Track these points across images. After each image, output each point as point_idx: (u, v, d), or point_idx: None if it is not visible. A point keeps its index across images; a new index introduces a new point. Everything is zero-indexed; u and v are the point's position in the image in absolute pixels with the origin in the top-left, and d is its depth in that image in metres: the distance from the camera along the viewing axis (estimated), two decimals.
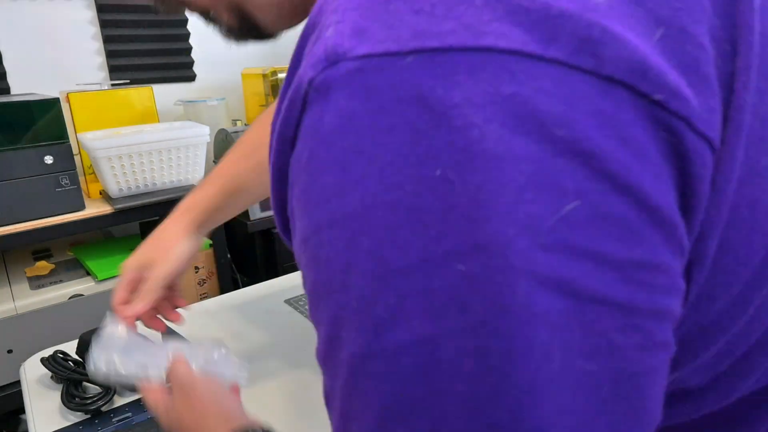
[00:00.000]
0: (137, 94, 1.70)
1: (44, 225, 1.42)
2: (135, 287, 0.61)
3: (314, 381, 0.69)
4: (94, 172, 1.56)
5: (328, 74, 0.22)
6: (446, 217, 0.20)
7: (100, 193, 1.63)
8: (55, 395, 0.67)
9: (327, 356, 0.24)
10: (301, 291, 0.91)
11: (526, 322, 0.19)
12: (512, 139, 0.19)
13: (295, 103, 0.24)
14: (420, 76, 0.20)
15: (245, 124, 2.15)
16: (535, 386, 0.20)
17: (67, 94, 1.57)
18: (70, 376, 0.68)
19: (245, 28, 0.40)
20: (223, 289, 1.78)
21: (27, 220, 1.41)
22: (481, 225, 0.19)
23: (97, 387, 0.67)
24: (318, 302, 0.24)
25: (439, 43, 0.20)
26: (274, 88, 2.07)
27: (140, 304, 0.60)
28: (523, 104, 0.19)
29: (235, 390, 0.54)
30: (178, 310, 0.66)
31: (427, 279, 0.20)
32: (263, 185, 0.66)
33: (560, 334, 0.20)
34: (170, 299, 0.65)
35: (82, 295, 1.50)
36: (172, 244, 0.62)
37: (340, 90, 0.22)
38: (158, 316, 0.64)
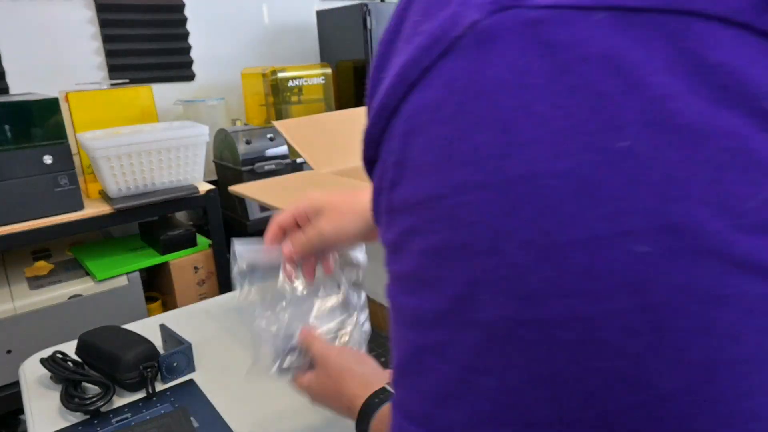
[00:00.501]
0: (136, 93, 1.70)
1: (43, 225, 1.42)
2: (292, 225, 0.59)
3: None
4: (93, 172, 1.56)
5: (498, 20, 0.20)
6: (627, 194, 0.18)
7: (99, 193, 1.63)
8: (54, 395, 0.67)
9: (448, 314, 0.23)
10: None
11: (718, 303, 0.18)
12: (716, 112, 0.18)
13: (438, 44, 0.21)
14: (612, 36, 0.18)
15: (245, 124, 2.15)
16: (716, 365, 0.18)
17: (66, 93, 1.57)
18: (69, 376, 0.67)
19: None
20: (223, 289, 1.78)
21: (26, 220, 1.41)
22: (673, 205, 0.18)
23: (96, 387, 0.66)
24: (444, 262, 0.22)
25: (639, 3, 0.18)
26: (273, 87, 2.07)
27: (294, 249, 0.57)
28: (729, 74, 0.18)
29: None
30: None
31: (593, 258, 0.19)
32: None
33: (758, 318, 0.18)
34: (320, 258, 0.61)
35: (81, 295, 1.50)
36: (358, 213, 0.57)
37: (512, 41, 0.19)
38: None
